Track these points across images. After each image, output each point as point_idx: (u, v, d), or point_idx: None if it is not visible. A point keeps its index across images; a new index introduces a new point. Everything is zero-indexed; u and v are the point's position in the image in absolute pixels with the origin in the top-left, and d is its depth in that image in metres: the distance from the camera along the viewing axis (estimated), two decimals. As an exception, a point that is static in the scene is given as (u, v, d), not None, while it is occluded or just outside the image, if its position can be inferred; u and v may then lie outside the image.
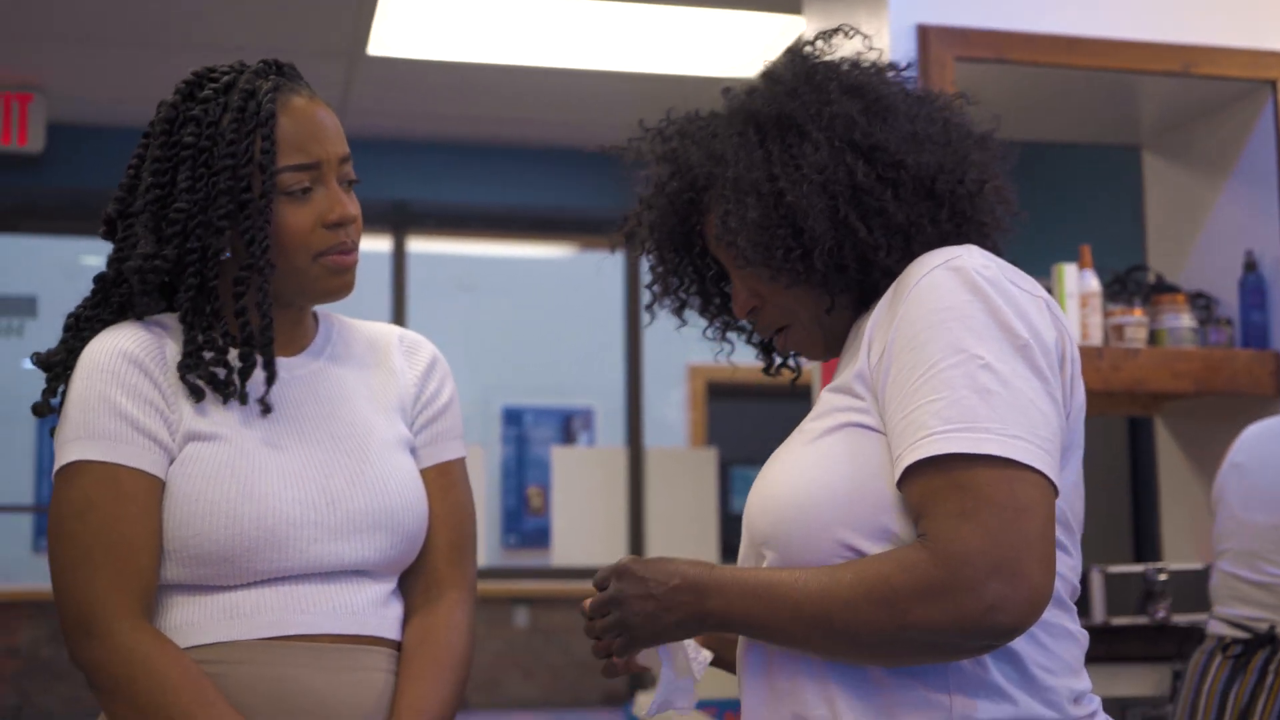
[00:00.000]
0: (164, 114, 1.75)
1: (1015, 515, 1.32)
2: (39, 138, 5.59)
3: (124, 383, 1.70)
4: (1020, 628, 1.34)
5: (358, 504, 1.74)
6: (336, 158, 1.76)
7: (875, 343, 1.46)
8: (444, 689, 1.75)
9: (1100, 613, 3.26)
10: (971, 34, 3.33)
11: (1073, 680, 1.45)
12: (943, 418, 1.35)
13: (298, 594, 1.70)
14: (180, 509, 1.68)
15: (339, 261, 1.75)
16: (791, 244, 1.52)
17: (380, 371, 1.87)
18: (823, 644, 1.42)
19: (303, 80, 1.81)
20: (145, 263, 1.71)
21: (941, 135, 1.55)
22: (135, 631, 1.63)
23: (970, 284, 1.41)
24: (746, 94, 1.60)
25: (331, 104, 1.66)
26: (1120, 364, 3.35)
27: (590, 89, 5.60)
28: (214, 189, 1.70)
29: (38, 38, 5.18)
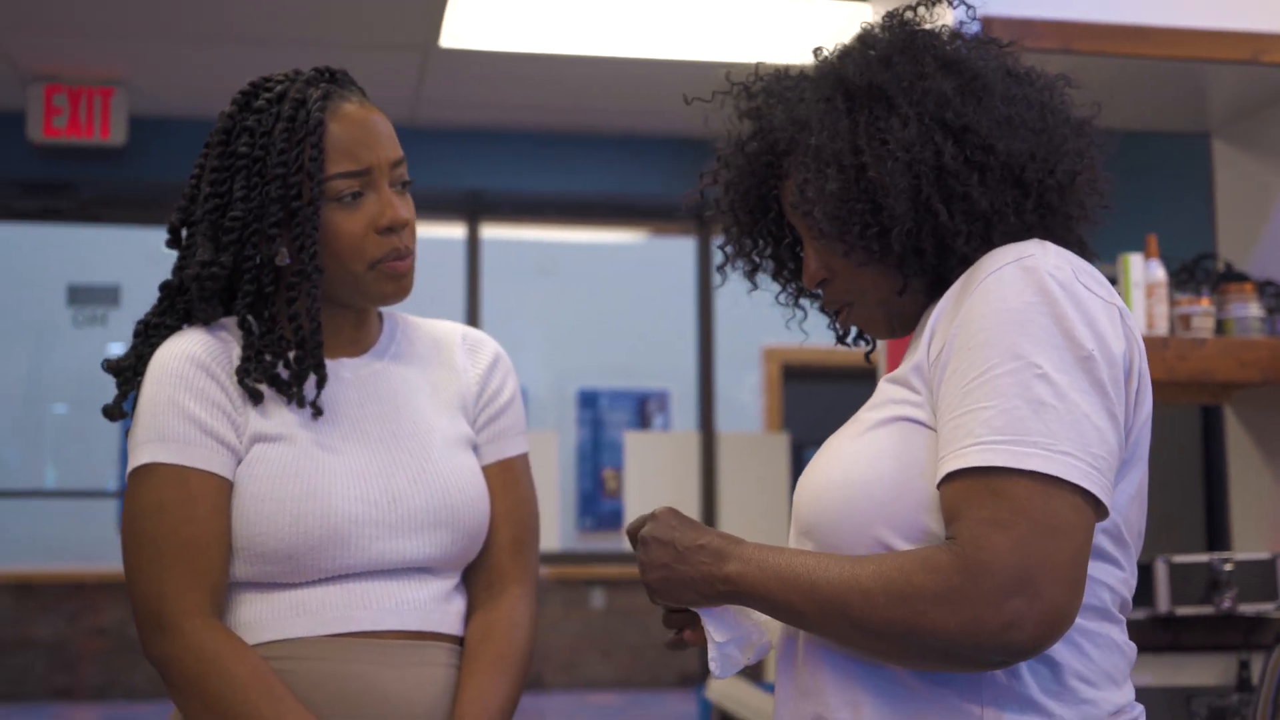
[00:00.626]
0: (221, 124, 1.79)
1: (1048, 533, 1.29)
2: (121, 131, 5.69)
3: (192, 387, 1.74)
4: (1035, 649, 1.30)
5: (419, 502, 1.78)
6: (388, 162, 1.78)
7: (937, 337, 1.42)
8: (505, 684, 1.79)
9: (1165, 602, 3.25)
10: (1037, 24, 3.32)
11: (1114, 693, 1.41)
12: (991, 427, 1.31)
13: (362, 591, 1.75)
14: (247, 508, 1.73)
15: (394, 268, 1.78)
16: (869, 221, 1.47)
17: (443, 370, 1.91)
18: (837, 631, 1.38)
19: (355, 86, 1.84)
20: (203, 270, 1.76)
21: (1038, 120, 1.49)
22: (205, 629, 1.68)
23: (1039, 286, 1.36)
24: (839, 57, 1.54)
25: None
26: (1186, 354, 3.33)
27: (659, 77, 5.62)
28: (266, 197, 1.74)
29: (119, 35, 5.29)
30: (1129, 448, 1.41)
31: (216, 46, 5.34)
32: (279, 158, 1.74)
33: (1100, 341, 1.35)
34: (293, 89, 1.78)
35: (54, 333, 8.95)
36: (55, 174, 5.94)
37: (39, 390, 9.46)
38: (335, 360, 1.84)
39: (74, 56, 5.49)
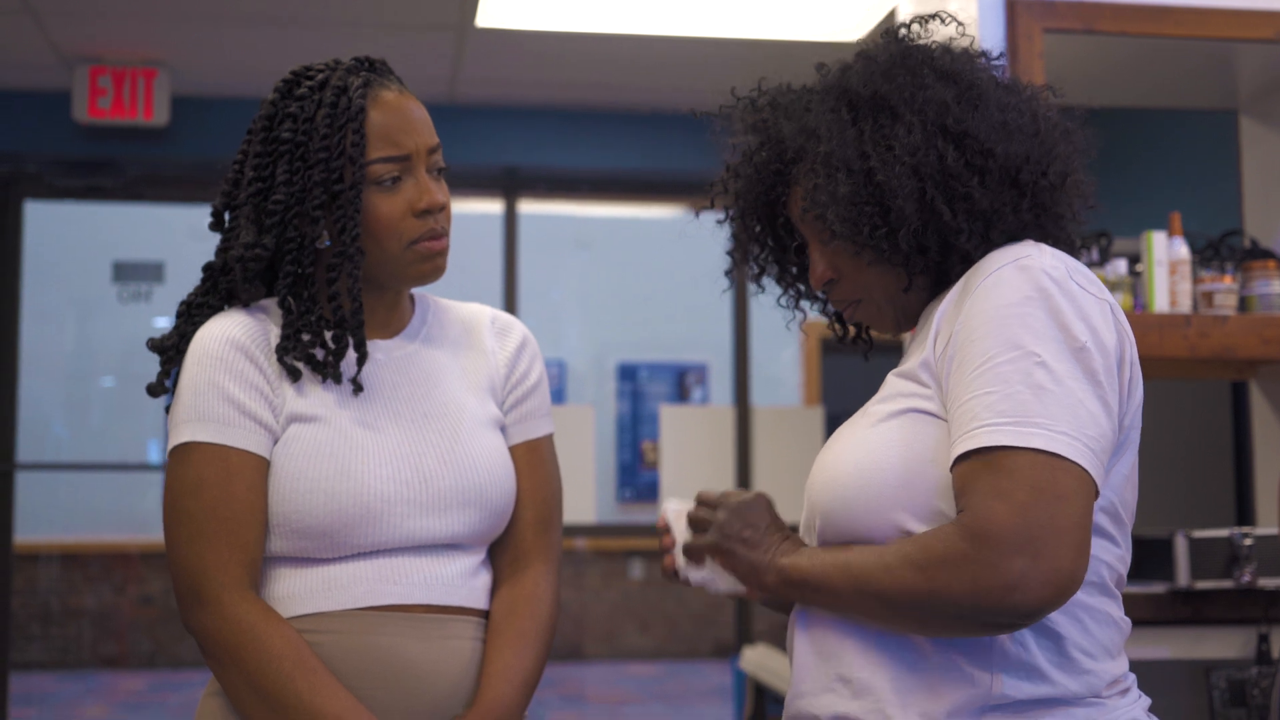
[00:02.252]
0: (264, 111, 1.85)
1: (1052, 500, 1.37)
2: (164, 111, 5.77)
3: (231, 368, 1.80)
4: (1041, 610, 1.39)
5: (448, 482, 1.84)
6: (425, 148, 1.85)
7: (942, 333, 1.51)
8: (529, 657, 1.86)
9: (1185, 576, 3.30)
10: (1060, 6, 3.35)
11: (1111, 664, 1.51)
12: (995, 410, 1.41)
13: (391, 566, 1.81)
14: (283, 486, 1.79)
15: (429, 248, 1.85)
16: (878, 222, 1.57)
17: (472, 352, 1.97)
18: (868, 608, 1.49)
19: (393, 75, 1.89)
20: (246, 251, 1.82)
21: (1030, 126, 1.60)
22: (242, 601, 1.74)
23: (1035, 284, 1.46)
24: (841, 71, 1.65)
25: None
26: (1208, 331, 3.37)
27: (693, 55, 5.66)
28: (309, 181, 1.80)
29: (161, 17, 5.36)
30: (1123, 432, 1.50)
31: (256, 28, 5.41)
32: (321, 142, 1.79)
33: (1094, 334, 1.45)
34: (334, 77, 1.83)
35: (100, 308, 9.08)
36: (100, 153, 6.03)
37: (86, 365, 9.61)
38: (369, 342, 1.90)
39: (117, 39, 5.57)
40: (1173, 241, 3.44)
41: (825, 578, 1.52)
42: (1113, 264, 3.43)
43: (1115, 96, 4.18)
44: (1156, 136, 5.17)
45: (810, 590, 1.55)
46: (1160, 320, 3.35)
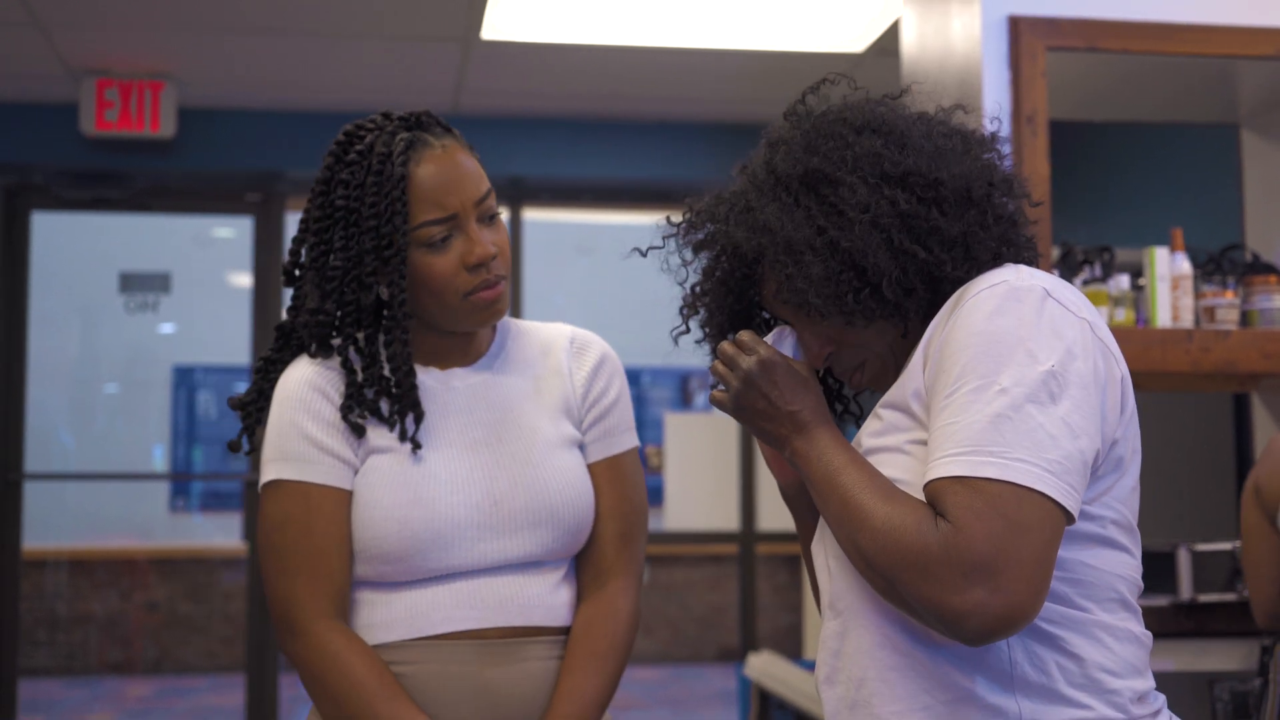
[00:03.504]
0: (321, 175, 1.93)
1: (1017, 530, 1.39)
2: (170, 123, 5.80)
3: (310, 409, 1.90)
4: (988, 639, 1.41)
5: (519, 503, 1.91)
6: (472, 201, 1.89)
7: (929, 361, 1.52)
8: (599, 678, 1.92)
9: (1188, 589, 3.32)
10: (1063, 23, 3.38)
11: (1136, 681, 1.52)
12: (955, 440, 1.43)
13: (469, 589, 1.88)
14: (362, 515, 1.88)
15: (483, 298, 1.91)
16: (858, 285, 1.58)
17: (549, 373, 2.03)
18: (845, 543, 1.51)
19: (440, 126, 1.94)
20: (311, 318, 1.91)
21: (960, 145, 1.62)
22: (328, 631, 1.84)
23: (1008, 308, 1.47)
24: (765, 165, 1.66)
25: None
26: (1210, 346, 3.39)
27: (695, 66, 5.69)
28: (362, 248, 1.87)
29: (167, 30, 5.39)
30: (1120, 446, 1.52)
31: (262, 39, 5.44)
32: (370, 210, 1.87)
33: (1066, 355, 1.46)
34: (379, 141, 1.89)
35: (106, 319, 9.10)
36: (107, 165, 6.05)
37: (92, 374, 9.63)
38: (447, 371, 1.98)
39: (124, 51, 5.60)
40: (1175, 257, 3.46)
41: (819, 490, 1.54)
42: (1115, 279, 3.45)
43: (1117, 111, 4.21)
44: (1158, 151, 5.19)
45: (808, 483, 1.58)
46: (1163, 335, 3.38)
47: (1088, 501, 1.50)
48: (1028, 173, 3.28)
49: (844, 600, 1.59)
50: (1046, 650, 1.49)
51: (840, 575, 1.59)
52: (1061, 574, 1.49)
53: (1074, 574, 1.50)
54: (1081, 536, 1.50)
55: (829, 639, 1.62)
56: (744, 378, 1.62)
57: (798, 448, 1.58)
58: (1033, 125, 3.33)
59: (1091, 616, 1.50)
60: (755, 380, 1.61)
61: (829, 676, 1.61)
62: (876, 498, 1.48)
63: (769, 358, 1.61)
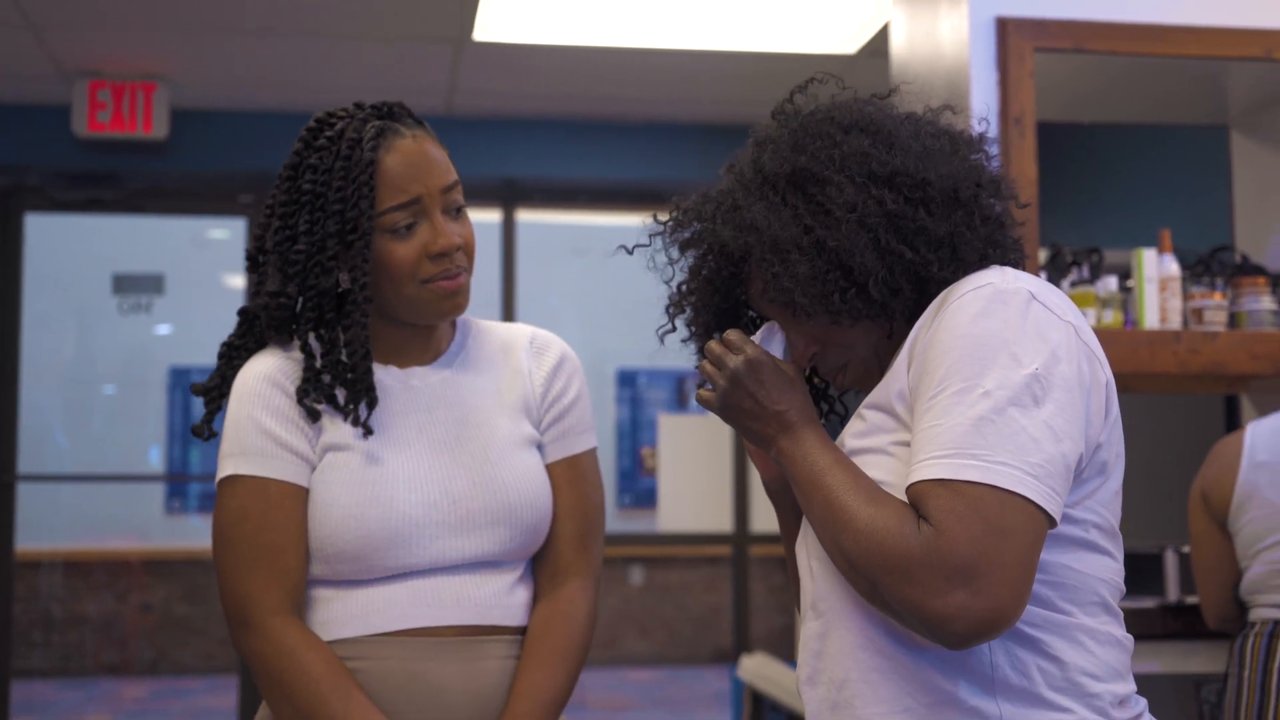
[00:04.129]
0: (290, 160, 1.92)
1: (999, 534, 1.39)
2: (163, 124, 5.80)
3: (268, 404, 1.89)
4: (968, 643, 1.40)
5: (478, 503, 1.91)
6: (438, 189, 1.89)
7: (914, 363, 1.52)
8: (558, 676, 1.92)
9: (1174, 591, 3.32)
10: (1050, 25, 3.38)
11: (1118, 685, 1.51)
12: (938, 443, 1.43)
13: (426, 587, 1.88)
14: (319, 513, 1.87)
15: (443, 287, 1.90)
16: (845, 285, 1.57)
17: (508, 373, 2.02)
18: (828, 544, 1.51)
19: (411, 119, 1.94)
20: (271, 300, 1.91)
21: (947, 145, 1.62)
22: (284, 626, 1.84)
23: (993, 311, 1.47)
24: (752, 164, 1.66)
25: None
26: (1198, 347, 3.39)
27: (689, 67, 5.69)
28: (326, 232, 1.87)
29: (160, 31, 5.39)
30: (1104, 450, 1.52)
31: (255, 41, 5.44)
32: (336, 194, 1.86)
33: (1050, 358, 1.46)
34: (350, 128, 1.89)
35: (100, 320, 9.10)
36: (100, 166, 6.06)
37: (87, 375, 9.63)
38: (406, 369, 1.97)
39: (116, 53, 5.60)
40: (1163, 258, 3.46)
41: (804, 490, 1.54)
42: (1103, 280, 3.45)
43: (1107, 113, 4.21)
44: (1148, 152, 5.19)
45: (793, 484, 1.57)
46: (1151, 337, 3.38)
47: (1071, 505, 1.50)
48: (1015, 174, 3.28)
49: (826, 601, 1.59)
50: (1028, 653, 1.48)
51: (823, 576, 1.59)
52: (1043, 577, 1.48)
53: (1056, 577, 1.50)
54: (1064, 540, 1.50)
55: (810, 640, 1.61)
56: (730, 377, 1.61)
57: (783, 448, 1.58)
58: (1020, 126, 3.33)
59: (1073, 620, 1.50)
60: (742, 379, 1.60)
61: (810, 677, 1.61)
62: (860, 499, 1.48)
63: (756, 357, 1.61)
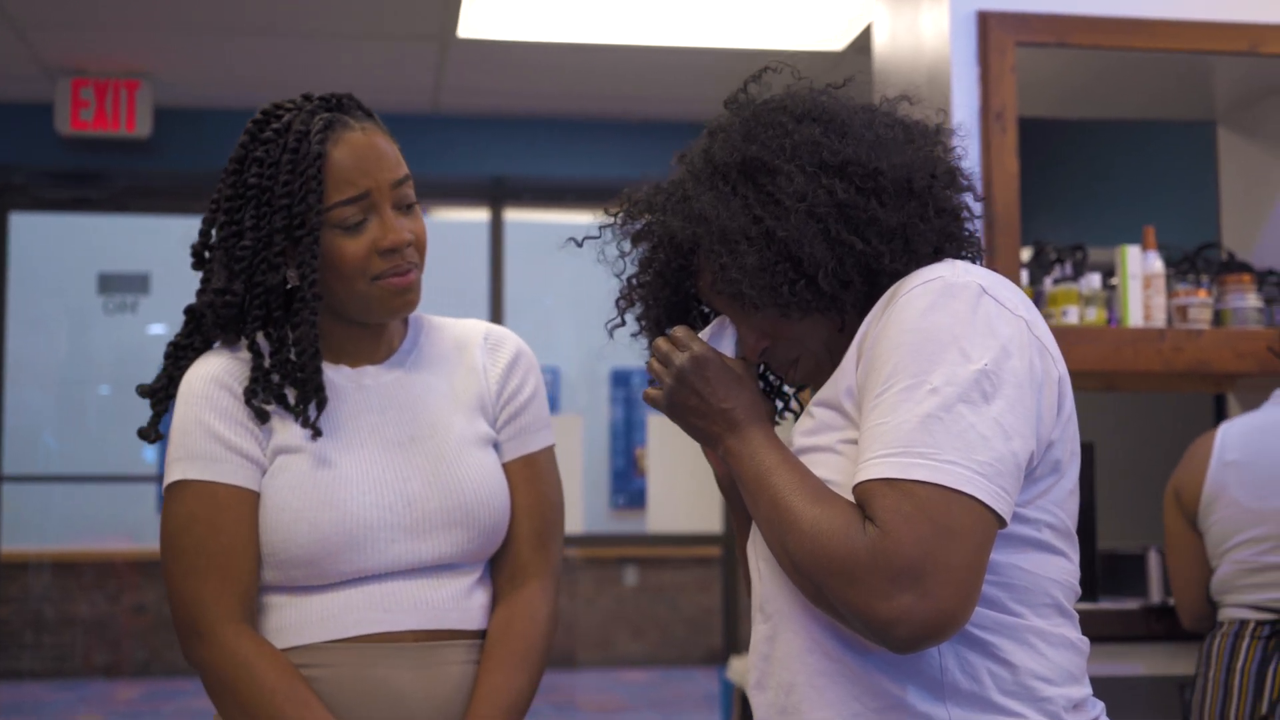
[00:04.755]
0: (235, 154, 1.86)
1: (946, 535, 1.36)
2: (147, 123, 5.77)
3: (215, 406, 1.83)
4: (915, 647, 1.37)
5: (434, 504, 1.86)
6: (388, 184, 1.84)
7: (863, 357, 1.49)
8: (519, 679, 1.87)
9: (1158, 592, 3.28)
10: (1032, 19, 3.34)
11: (1071, 688, 1.48)
12: (884, 441, 1.40)
13: (383, 592, 1.83)
14: (270, 517, 1.82)
15: (393, 284, 1.85)
16: (794, 276, 1.53)
17: (463, 370, 1.97)
18: (774, 546, 1.47)
19: (361, 111, 1.89)
20: (216, 298, 1.85)
21: (902, 136, 1.58)
22: (236, 635, 1.78)
23: (942, 305, 1.43)
24: (703, 153, 1.62)
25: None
26: (1182, 345, 3.35)
27: (674, 64, 5.66)
28: (273, 227, 1.81)
29: (143, 29, 5.37)
30: (1057, 448, 1.48)
31: (238, 39, 5.41)
32: (283, 189, 1.81)
33: (1000, 354, 1.42)
34: (297, 120, 1.84)
35: (86, 320, 9.07)
36: (84, 165, 6.03)
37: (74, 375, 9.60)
38: (358, 369, 1.92)
39: (99, 51, 5.57)
40: (1147, 255, 3.43)
41: (750, 490, 1.51)
42: (1087, 278, 3.42)
43: (1093, 109, 4.17)
44: (1134, 149, 5.15)
45: (740, 483, 1.54)
46: (1134, 334, 3.34)
47: (1022, 504, 1.46)
48: (996, 170, 3.25)
49: (773, 604, 1.55)
50: (978, 657, 1.45)
51: (770, 578, 1.56)
52: (994, 578, 1.45)
53: (1007, 578, 1.46)
54: (1015, 540, 1.46)
55: (759, 643, 1.58)
56: (676, 374, 1.57)
57: (730, 446, 1.55)
58: (1001, 122, 3.29)
59: (1025, 622, 1.47)
60: (688, 377, 1.57)
61: (759, 681, 1.57)
62: (806, 500, 1.45)
63: (702, 353, 1.58)
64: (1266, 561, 2.94)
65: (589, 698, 9.02)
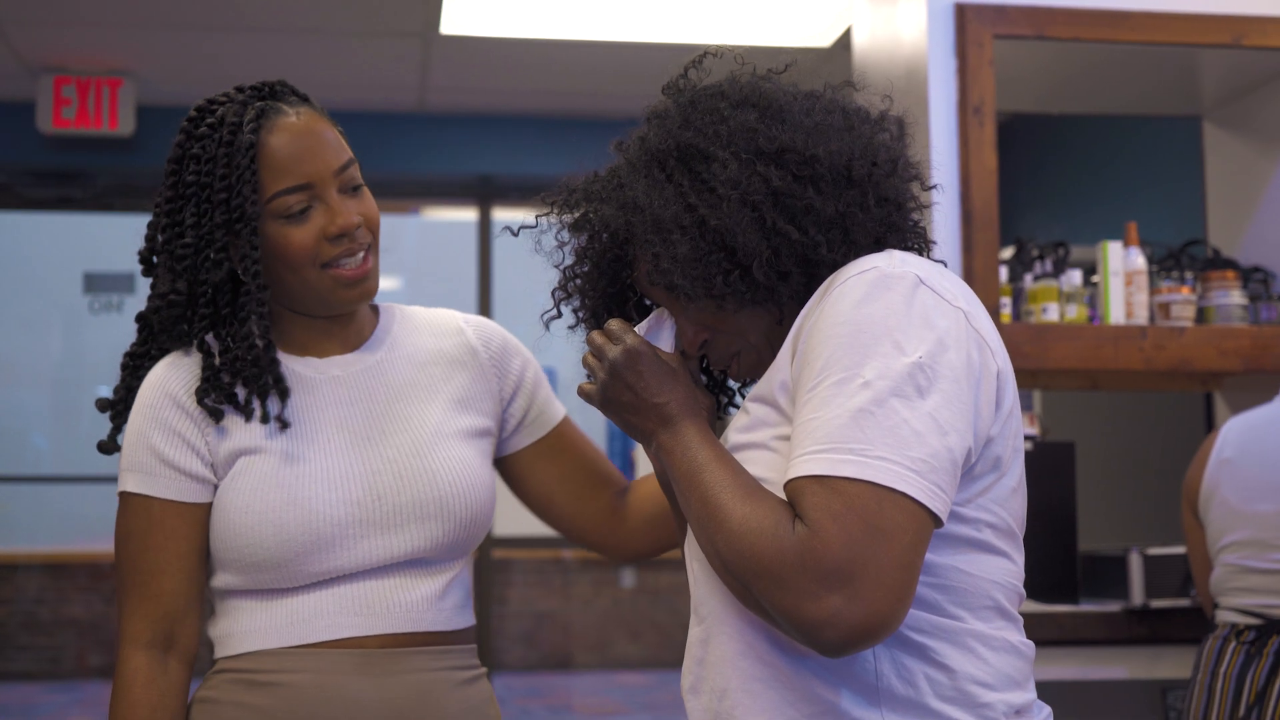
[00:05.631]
0: (173, 153, 1.81)
1: (875, 534, 1.31)
2: (129, 121, 5.74)
3: (159, 419, 1.79)
4: (846, 650, 1.32)
5: (405, 497, 1.81)
6: (331, 171, 1.80)
7: (797, 351, 1.44)
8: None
9: (1140, 595, 3.23)
10: (1010, 11, 3.29)
11: (1013, 694, 1.44)
12: (814, 437, 1.35)
13: (353, 594, 1.79)
14: (233, 521, 1.77)
15: (343, 275, 1.81)
16: (728, 266, 1.49)
17: (446, 360, 1.93)
18: (704, 544, 1.43)
19: (296, 96, 1.85)
20: (160, 301, 1.80)
21: (843, 122, 1.53)
22: (132, 658, 1.77)
23: (876, 296, 1.39)
24: (639, 140, 1.59)
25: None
26: (1165, 343, 3.30)
27: (660, 61, 5.60)
28: (213, 223, 1.77)
29: (125, 26, 5.33)
30: (997, 444, 1.43)
31: (221, 35, 5.38)
32: (221, 183, 1.76)
33: (936, 346, 1.38)
34: (230, 112, 1.79)
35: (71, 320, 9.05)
36: (66, 164, 6.00)
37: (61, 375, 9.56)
38: (325, 359, 1.87)
39: (81, 48, 5.53)
40: (1129, 251, 3.38)
41: (682, 487, 1.47)
42: (1068, 274, 3.37)
43: (1077, 104, 4.12)
44: (1119, 144, 5.09)
45: (672, 481, 1.49)
46: (1115, 332, 3.29)
47: (961, 503, 1.41)
48: (974, 165, 3.19)
49: (706, 605, 1.51)
50: (915, 661, 1.40)
51: (703, 579, 1.51)
52: (931, 580, 1.40)
53: (945, 580, 1.41)
54: (954, 540, 1.41)
55: (693, 645, 1.54)
56: (609, 368, 1.53)
57: (662, 442, 1.50)
58: (980, 116, 3.24)
59: (964, 625, 1.42)
60: (620, 370, 1.53)
61: (694, 686, 1.53)
62: (736, 497, 1.40)
63: (635, 346, 1.53)
64: (1250, 566, 2.90)
65: (585, 700, 8.97)
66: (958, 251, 3.18)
